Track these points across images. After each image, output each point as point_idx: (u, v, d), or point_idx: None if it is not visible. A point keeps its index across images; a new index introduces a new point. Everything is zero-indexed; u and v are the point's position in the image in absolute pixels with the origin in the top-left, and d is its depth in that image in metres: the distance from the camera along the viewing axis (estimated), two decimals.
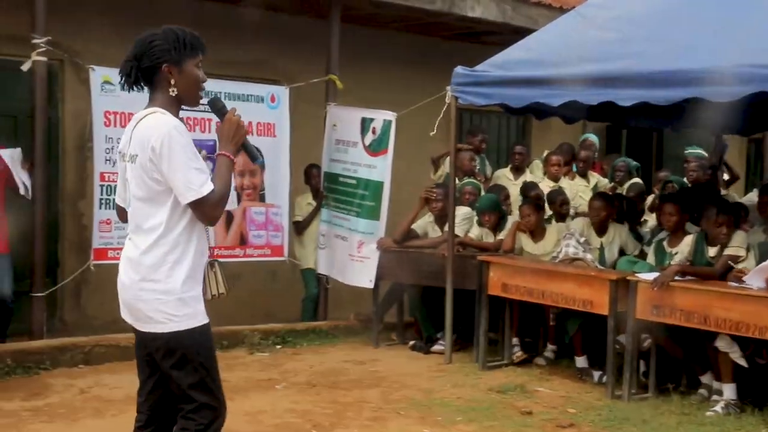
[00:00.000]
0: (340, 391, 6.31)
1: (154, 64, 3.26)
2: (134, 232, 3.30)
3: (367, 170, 7.91)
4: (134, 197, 3.27)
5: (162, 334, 3.23)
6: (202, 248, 3.32)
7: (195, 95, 3.37)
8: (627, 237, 7.18)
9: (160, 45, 3.26)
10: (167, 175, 3.17)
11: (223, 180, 3.27)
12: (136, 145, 3.22)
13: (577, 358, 6.85)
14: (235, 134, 3.36)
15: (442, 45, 9.89)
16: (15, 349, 6.52)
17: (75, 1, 7.55)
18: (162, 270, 3.21)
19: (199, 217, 3.23)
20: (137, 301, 3.25)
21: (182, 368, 3.26)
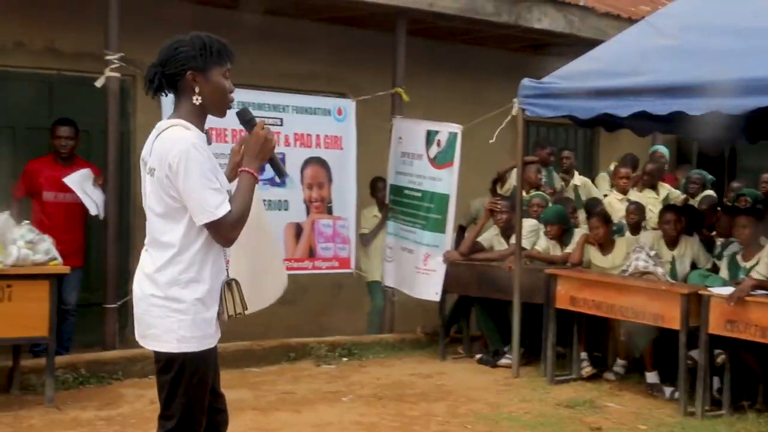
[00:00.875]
0: (406, 404, 6.30)
1: (178, 70, 3.15)
2: (150, 245, 3.21)
3: (431, 183, 7.90)
4: (152, 211, 3.18)
5: (166, 354, 3.16)
6: (219, 267, 3.22)
7: (221, 104, 3.24)
8: (699, 250, 7.04)
9: (185, 51, 3.15)
10: (183, 194, 3.07)
11: (243, 199, 3.16)
12: (155, 159, 3.13)
13: (648, 374, 6.72)
14: (262, 149, 3.25)
15: (509, 57, 9.85)
16: (89, 360, 6.64)
17: (147, 18, 7.69)
18: (176, 288, 3.12)
19: (215, 238, 3.13)
20: (147, 316, 3.17)
21: (175, 386, 3.16)
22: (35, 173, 6.87)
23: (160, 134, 3.16)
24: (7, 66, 7.51)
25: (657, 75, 6.34)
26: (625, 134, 8.61)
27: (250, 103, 7.51)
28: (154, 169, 3.13)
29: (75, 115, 7.66)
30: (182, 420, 3.18)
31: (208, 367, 3.24)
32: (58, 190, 6.87)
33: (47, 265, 5.81)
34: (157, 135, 3.17)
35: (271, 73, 8.51)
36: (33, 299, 5.72)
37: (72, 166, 6.94)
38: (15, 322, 5.69)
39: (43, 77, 7.67)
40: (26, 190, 6.89)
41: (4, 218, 5.86)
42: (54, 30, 7.59)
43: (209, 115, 3.27)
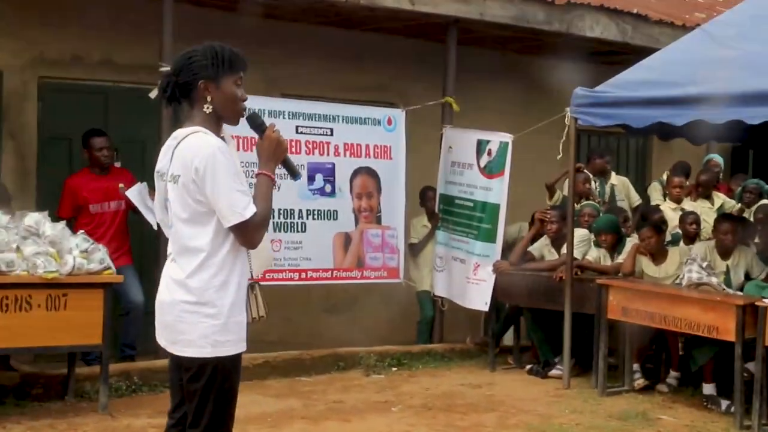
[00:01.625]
0: (456, 414, 6.27)
1: (191, 79, 3.21)
2: (178, 253, 3.23)
3: (483, 192, 7.88)
4: (177, 218, 3.21)
5: (199, 359, 3.15)
6: (245, 271, 3.26)
7: (233, 113, 3.27)
8: (752, 260, 6.93)
9: (198, 61, 3.21)
10: (210, 198, 3.11)
11: (265, 201, 3.21)
12: (179, 165, 3.16)
13: (705, 385, 6.58)
14: (275, 151, 3.29)
15: (560, 66, 9.78)
16: (142, 368, 6.73)
17: (201, 30, 7.77)
18: (209, 293, 3.15)
19: (241, 240, 3.16)
20: (180, 322, 3.17)
21: (206, 393, 3.17)
22: (77, 189, 6.97)
23: (181, 142, 3.20)
24: (64, 78, 7.67)
25: (714, 84, 6.26)
26: (678, 143, 8.49)
27: (300, 113, 7.59)
28: (179, 175, 3.16)
29: (130, 126, 7.81)
30: (211, 428, 3.19)
31: (239, 372, 3.26)
32: (103, 200, 6.99)
33: (101, 274, 5.91)
34: (177, 143, 3.21)
35: (323, 84, 8.57)
36: (87, 308, 5.82)
37: (110, 174, 7.05)
38: (70, 330, 5.79)
39: (99, 89, 7.81)
40: (71, 208, 6.95)
41: (61, 227, 5.97)
42: (111, 43, 7.74)
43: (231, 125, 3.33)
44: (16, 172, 7.47)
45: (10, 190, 6.87)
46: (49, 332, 5.71)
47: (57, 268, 5.69)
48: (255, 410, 6.17)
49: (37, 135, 7.58)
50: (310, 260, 7.61)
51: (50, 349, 6.03)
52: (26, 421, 5.74)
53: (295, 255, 7.54)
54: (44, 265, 5.65)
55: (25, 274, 5.64)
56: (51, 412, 6.00)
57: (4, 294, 5.54)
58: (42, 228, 5.86)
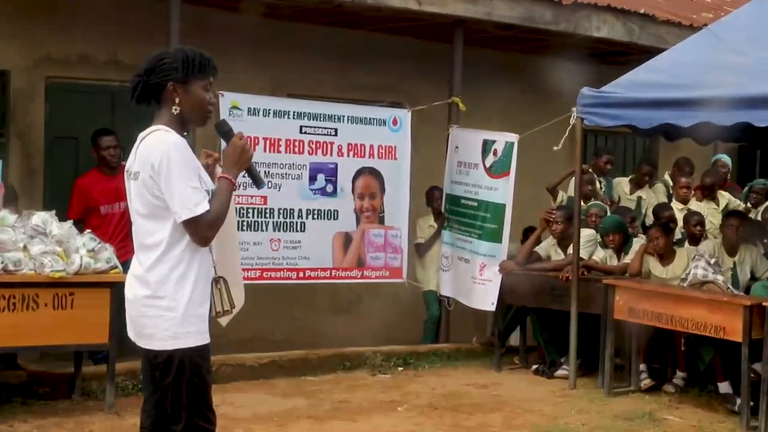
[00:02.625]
0: (462, 414, 6.27)
1: (160, 81, 3.29)
2: (138, 249, 3.33)
3: (488, 192, 7.87)
4: (137, 214, 3.31)
5: (163, 351, 3.24)
6: (207, 265, 3.33)
7: (199, 116, 3.36)
8: (757, 258, 6.93)
9: (169, 63, 3.30)
10: (165, 193, 3.19)
11: (221, 202, 3.29)
12: (138, 162, 3.27)
13: (720, 384, 6.52)
14: (239, 158, 3.37)
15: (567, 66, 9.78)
16: None
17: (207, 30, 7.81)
18: (167, 287, 3.22)
19: (192, 236, 3.22)
20: (141, 317, 3.27)
21: (178, 386, 3.24)
22: (88, 190, 6.97)
23: (142, 140, 3.31)
24: (72, 78, 7.69)
25: (721, 86, 6.25)
26: (685, 143, 8.48)
27: (305, 113, 7.60)
28: (138, 172, 3.26)
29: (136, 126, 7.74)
30: (190, 420, 3.26)
31: (208, 361, 3.33)
32: (113, 201, 6.99)
33: (108, 273, 5.92)
34: (140, 142, 3.32)
35: (329, 84, 8.58)
36: (94, 306, 5.82)
37: (119, 174, 7.04)
38: (77, 329, 5.79)
39: (105, 89, 7.83)
40: (81, 209, 6.94)
41: (68, 227, 5.98)
42: (117, 43, 7.75)
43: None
44: (23, 171, 7.49)
45: (17, 189, 6.88)
46: (55, 331, 5.72)
47: (64, 267, 5.70)
48: (261, 409, 6.18)
49: (44, 135, 7.60)
50: (309, 259, 7.63)
51: (57, 348, 6.04)
52: (33, 420, 5.75)
53: (294, 254, 7.56)
54: (51, 264, 5.66)
55: (32, 274, 5.64)
56: (58, 410, 6.01)
57: (11, 293, 5.55)
58: (49, 227, 5.87)
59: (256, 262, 7.38)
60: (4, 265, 5.56)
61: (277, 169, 7.41)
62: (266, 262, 7.45)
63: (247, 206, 7.29)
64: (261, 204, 7.32)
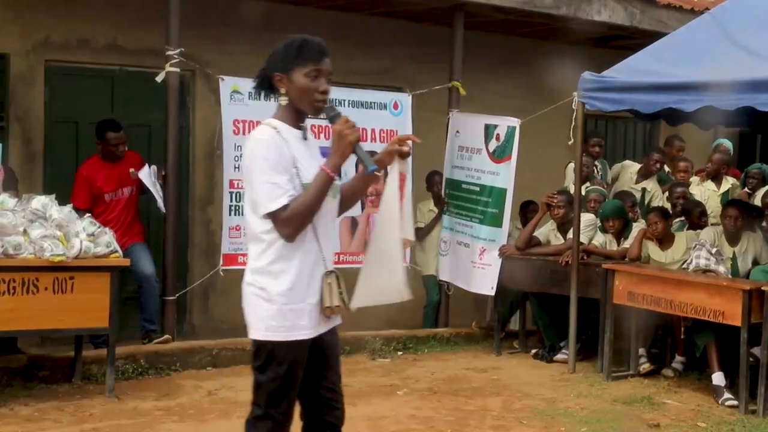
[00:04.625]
0: (461, 398, 6.29)
1: (269, 73, 3.32)
2: (248, 240, 3.38)
3: (491, 177, 7.86)
4: (245, 207, 3.37)
5: (256, 341, 3.27)
6: (312, 260, 3.28)
7: (308, 104, 3.30)
8: (761, 246, 6.90)
9: (275, 55, 3.32)
10: (248, 188, 3.27)
11: (305, 197, 3.20)
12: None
13: (713, 374, 6.43)
14: (338, 146, 3.25)
15: (568, 50, 9.75)
16: (148, 351, 6.75)
17: (207, 14, 7.79)
18: (266, 279, 3.24)
19: (276, 227, 3.21)
20: (245, 304, 3.31)
21: (262, 375, 3.27)
22: (92, 178, 6.94)
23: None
24: (71, 62, 7.67)
25: (724, 71, 6.23)
26: (686, 128, 8.46)
27: None
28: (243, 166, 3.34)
29: (136, 110, 7.81)
30: (267, 408, 3.28)
31: (298, 358, 3.28)
32: (117, 188, 6.99)
33: (108, 257, 5.92)
34: None
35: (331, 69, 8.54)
36: (94, 291, 5.83)
37: (121, 160, 7.04)
38: (77, 313, 5.80)
39: (105, 73, 7.82)
40: (89, 198, 6.90)
41: (68, 211, 5.98)
42: (117, 27, 7.73)
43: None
44: (22, 155, 7.48)
45: (16, 173, 6.87)
46: (56, 315, 5.73)
47: (64, 251, 5.70)
48: None
49: (44, 119, 7.58)
50: None
51: (57, 332, 6.04)
52: (33, 403, 5.78)
53: None
54: (51, 248, 5.67)
55: (32, 258, 5.64)
56: (58, 394, 6.03)
57: (11, 277, 5.56)
58: (49, 211, 5.87)
59: None
60: (4, 249, 5.56)
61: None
62: None
63: None
64: None
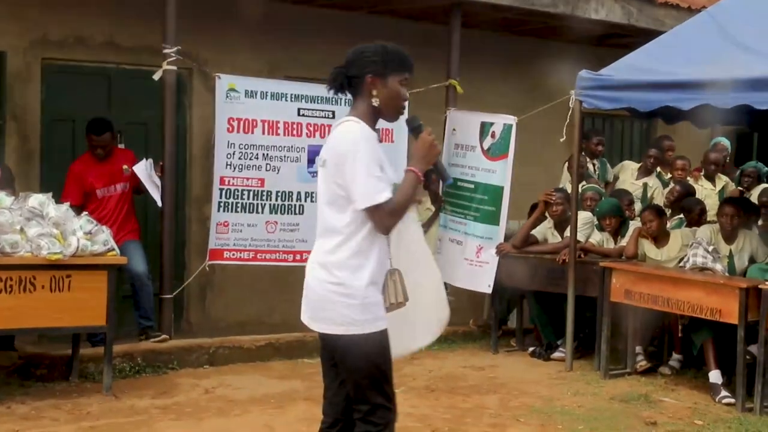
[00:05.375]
0: (458, 396, 6.29)
1: (360, 73, 3.42)
2: (321, 234, 3.45)
3: (486, 174, 7.85)
4: (321, 201, 3.44)
5: (342, 336, 3.34)
6: (383, 256, 3.40)
7: (394, 109, 3.49)
8: (758, 244, 6.90)
9: (369, 56, 3.45)
10: (347, 181, 3.30)
11: (404, 192, 3.38)
12: (328, 149, 3.41)
13: (710, 373, 6.44)
14: (427, 154, 3.46)
15: (565, 48, 9.75)
16: (145, 349, 6.75)
17: (204, 12, 7.78)
18: (346, 273, 3.33)
19: (374, 223, 3.33)
20: (323, 301, 3.37)
21: (359, 370, 3.36)
22: (83, 175, 6.93)
23: (334, 129, 3.46)
24: (67, 60, 7.66)
25: (721, 69, 6.24)
26: (681, 127, 8.47)
27: (303, 96, 7.56)
28: (326, 159, 3.40)
29: (132, 108, 7.81)
30: (374, 402, 3.38)
31: (385, 345, 3.40)
32: (109, 183, 6.98)
33: (105, 255, 5.92)
34: (333, 131, 3.47)
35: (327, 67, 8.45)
36: (91, 289, 5.83)
37: (114, 157, 7.03)
38: (74, 312, 5.80)
39: (102, 71, 7.81)
40: (80, 194, 6.89)
41: (64, 209, 5.98)
42: (113, 24, 7.72)
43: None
44: (19, 153, 7.47)
45: (13, 171, 6.87)
46: (53, 313, 5.73)
47: (61, 249, 5.70)
48: (259, 392, 6.20)
49: (41, 116, 7.57)
50: (306, 242, 7.59)
51: (54, 330, 6.05)
52: (30, 402, 5.77)
53: (291, 237, 7.53)
54: (48, 246, 5.66)
55: (29, 256, 5.64)
56: (55, 392, 6.03)
57: (8, 275, 5.56)
58: (46, 209, 5.87)
59: (250, 244, 7.38)
60: (0, 248, 5.56)
61: (275, 151, 7.38)
62: (261, 244, 7.43)
63: (243, 188, 7.28)
64: (258, 186, 7.31)
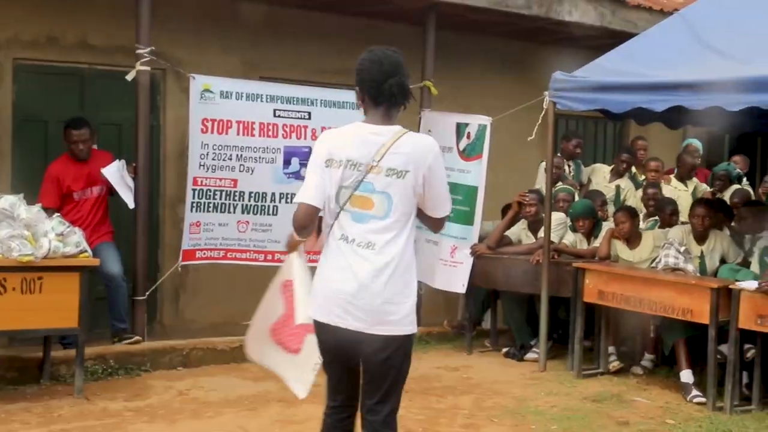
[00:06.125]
0: (432, 397, 6.30)
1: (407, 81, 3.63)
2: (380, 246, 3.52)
3: (460, 175, 7.87)
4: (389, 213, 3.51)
5: (400, 336, 3.47)
6: None
7: None
8: (729, 245, 6.97)
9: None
10: (435, 190, 3.54)
11: None
12: (404, 160, 3.48)
13: (681, 372, 6.50)
14: None
15: (539, 50, 9.80)
16: (118, 351, 6.71)
17: (178, 12, 7.74)
18: (409, 277, 3.53)
19: (438, 228, 3.76)
20: (389, 304, 3.45)
21: (401, 370, 3.50)
22: (61, 176, 6.87)
23: (399, 139, 3.52)
24: (40, 60, 7.60)
25: (692, 70, 6.30)
26: (654, 128, 8.54)
27: (278, 96, 7.53)
28: (407, 171, 3.48)
29: (106, 109, 7.75)
30: (397, 400, 3.55)
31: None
32: (86, 186, 6.93)
33: (77, 257, 5.88)
34: (393, 140, 3.52)
35: (302, 68, 8.53)
36: (63, 291, 5.79)
37: (91, 159, 6.97)
38: (46, 314, 5.76)
39: (74, 71, 7.74)
40: (57, 197, 6.82)
41: (35, 210, 5.93)
42: (86, 24, 7.66)
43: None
44: None
45: None
46: (24, 315, 5.68)
47: (32, 251, 5.65)
48: (233, 393, 6.18)
49: (12, 117, 7.50)
50: (279, 243, 7.57)
51: (25, 332, 5.99)
52: (0, 405, 5.72)
53: (263, 237, 7.50)
54: (19, 248, 5.62)
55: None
56: (26, 395, 5.98)
57: None
58: (17, 211, 5.82)
59: (221, 243, 7.35)
60: None
61: (250, 152, 7.34)
62: (231, 243, 7.39)
63: (215, 189, 7.25)
64: (231, 187, 7.28)
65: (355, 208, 3.55)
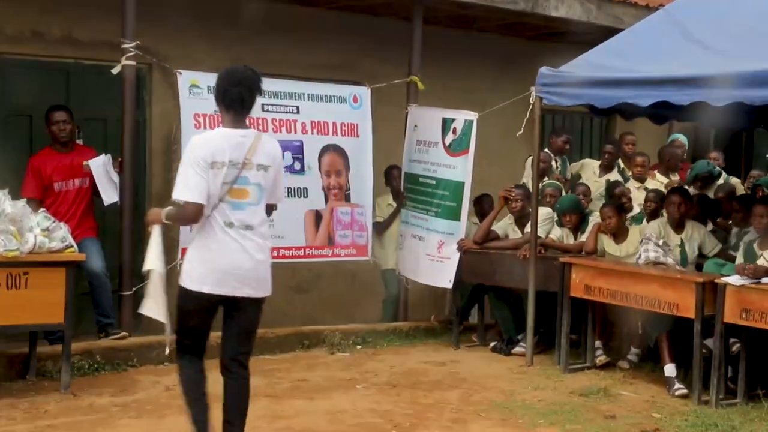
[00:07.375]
0: (420, 392, 6.31)
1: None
2: (260, 224, 4.37)
3: (447, 170, 7.89)
4: (264, 198, 4.39)
5: (267, 296, 4.47)
6: None
7: None
8: (705, 236, 7.02)
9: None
10: (279, 182, 4.57)
11: None
12: (267, 157, 4.38)
13: (665, 366, 6.53)
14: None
15: (526, 45, 9.83)
16: (104, 346, 6.68)
17: (163, 6, 7.71)
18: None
19: (270, 213, 4.56)
20: (267, 272, 4.44)
21: (259, 321, 4.50)
22: (42, 167, 6.83)
23: (259, 139, 4.39)
24: (24, 54, 7.56)
25: (677, 65, 6.32)
26: (640, 123, 8.57)
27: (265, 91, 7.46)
28: (269, 165, 4.39)
29: (91, 104, 7.72)
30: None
31: None
32: (67, 177, 6.88)
33: (63, 252, 5.85)
34: (255, 140, 4.37)
35: (287, 62, 8.52)
36: (49, 286, 5.77)
37: (73, 152, 6.95)
38: (31, 309, 5.74)
39: (60, 66, 7.71)
40: (39, 188, 6.79)
41: (21, 205, 5.90)
42: (71, 19, 7.62)
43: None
44: None
45: None
46: (9, 311, 5.65)
47: (17, 246, 5.63)
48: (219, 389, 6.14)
49: None
50: (283, 238, 7.54)
51: (11, 328, 5.94)
52: None
53: None
54: (4, 243, 5.59)
55: None
56: (12, 391, 5.95)
57: None
58: (2, 206, 5.77)
59: None
60: None
61: None
62: None
63: None
64: None
65: (234, 199, 4.28)
